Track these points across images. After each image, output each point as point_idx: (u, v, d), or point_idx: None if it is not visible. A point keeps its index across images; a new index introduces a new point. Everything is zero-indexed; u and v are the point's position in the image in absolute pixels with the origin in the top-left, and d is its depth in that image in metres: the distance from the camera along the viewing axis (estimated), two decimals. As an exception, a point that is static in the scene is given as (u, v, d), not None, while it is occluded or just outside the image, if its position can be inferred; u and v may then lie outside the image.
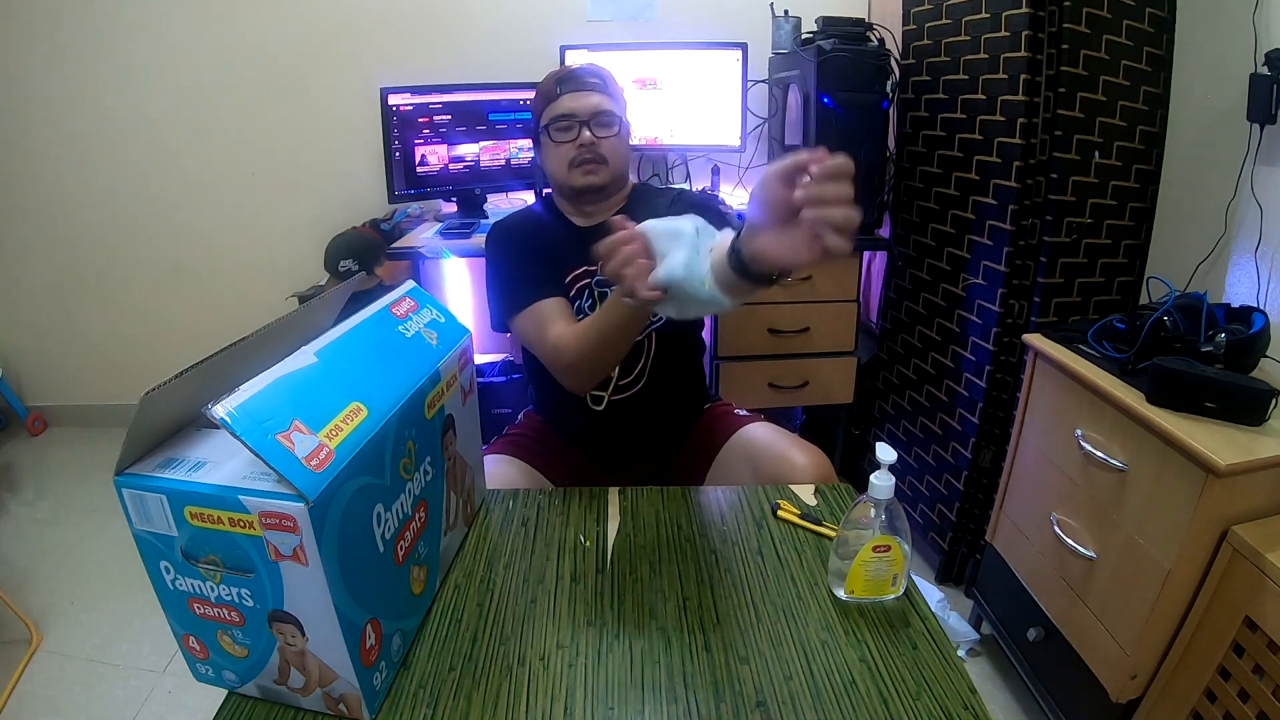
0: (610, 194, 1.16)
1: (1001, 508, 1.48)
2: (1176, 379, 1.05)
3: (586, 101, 1.10)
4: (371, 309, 0.71)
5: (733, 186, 2.21)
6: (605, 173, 1.11)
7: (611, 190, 1.15)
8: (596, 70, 1.14)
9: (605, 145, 1.10)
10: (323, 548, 0.52)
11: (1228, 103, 1.34)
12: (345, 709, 0.60)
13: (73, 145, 2.31)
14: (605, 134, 1.10)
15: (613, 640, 0.70)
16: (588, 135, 1.09)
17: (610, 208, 1.17)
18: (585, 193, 1.13)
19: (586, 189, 1.12)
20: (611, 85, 1.14)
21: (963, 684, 0.64)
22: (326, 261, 1.95)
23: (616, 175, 1.14)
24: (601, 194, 1.14)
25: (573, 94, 1.10)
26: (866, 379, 2.06)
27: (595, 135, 1.09)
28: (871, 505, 0.71)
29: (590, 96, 1.10)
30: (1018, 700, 1.46)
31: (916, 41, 1.76)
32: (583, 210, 1.17)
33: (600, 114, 1.10)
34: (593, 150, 1.10)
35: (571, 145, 1.10)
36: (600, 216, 1.16)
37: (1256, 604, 0.95)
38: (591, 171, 1.11)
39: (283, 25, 2.18)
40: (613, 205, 1.17)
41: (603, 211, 1.17)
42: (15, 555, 1.94)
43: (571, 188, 1.13)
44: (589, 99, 1.10)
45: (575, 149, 1.10)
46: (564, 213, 1.19)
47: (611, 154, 1.11)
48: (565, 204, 1.19)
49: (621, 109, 1.14)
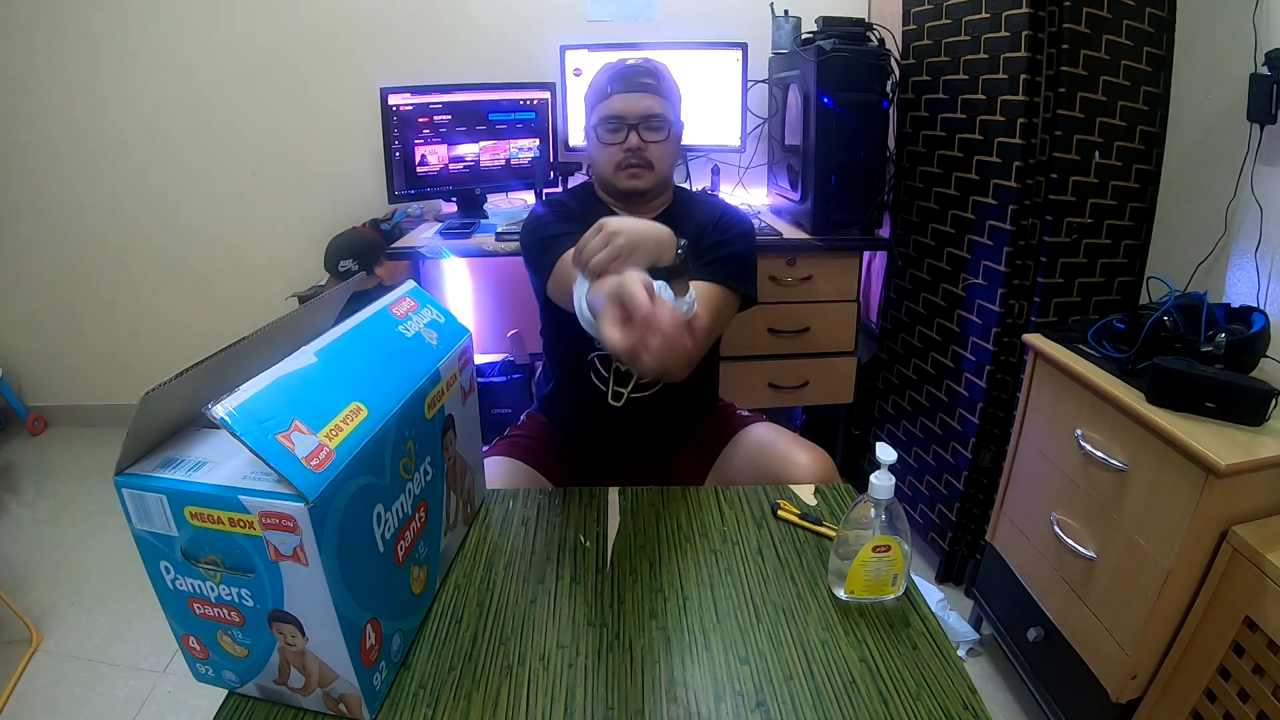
0: (654, 196, 1.15)
1: (1001, 508, 1.48)
2: (1176, 379, 1.05)
3: (638, 104, 1.08)
4: (371, 309, 0.71)
5: (733, 186, 2.21)
6: (650, 177, 1.10)
7: (656, 193, 1.14)
8: (652, 69, 1.11)
9: (653, 150, 1.09)
10: (323, 548, 0.52)
11: (1228, 103, 1.34)
12: (345, 709, 0.60)
13: (73, 146, 2.31)
14: (654, 139, 1.09)
15: (613, 640, 0.70)
16: (635, 140, 1.07)
17: (653, 209, 1.16)
18: (629, 195, 1.12)
19: (631, 192, 1.11)
20: (666, 85, 1.12)
21: (963, 684, 0.64)
22: (326, 261, 1.95)
23: (661, 180, 1.13)
24: (645, 196, 1.13)
25: (624, 94, 1.08)
26: (866, 379, 2.06)
27: (643, 140, 1.08)
28: (871, 505, 0.71)
29: (643, 99, 1.08)
30: (1018, 700, 1.46)
31: (916, 41, 1.76)
32: (625, 207, 1.16)
33: (650, 118, 1.08)
34: (640, 155, 1.08)
35: (618, 148, 1.08)
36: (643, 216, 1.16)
37: (1256, 604, 0.95)
38: (636, 175, 1.10)
39: (283, 25, 2.18)
40: (656, 207, 1.16)
41: (645, 211, 1.15)
42: (15, 555, 1.94)
43: (616, 188, 1.12)
44: (641, 101, 1.08)
45: (622, 152, 1.08)
46: (606, 204, 1.17)
47: (658, 159, 1.10)
48: (607, 197, 1.18)
49: (675, 111, 1.12)
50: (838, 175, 1.70)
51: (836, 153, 1.67)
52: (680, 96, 1.14)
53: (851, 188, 1.71)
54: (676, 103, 1.13)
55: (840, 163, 1.69)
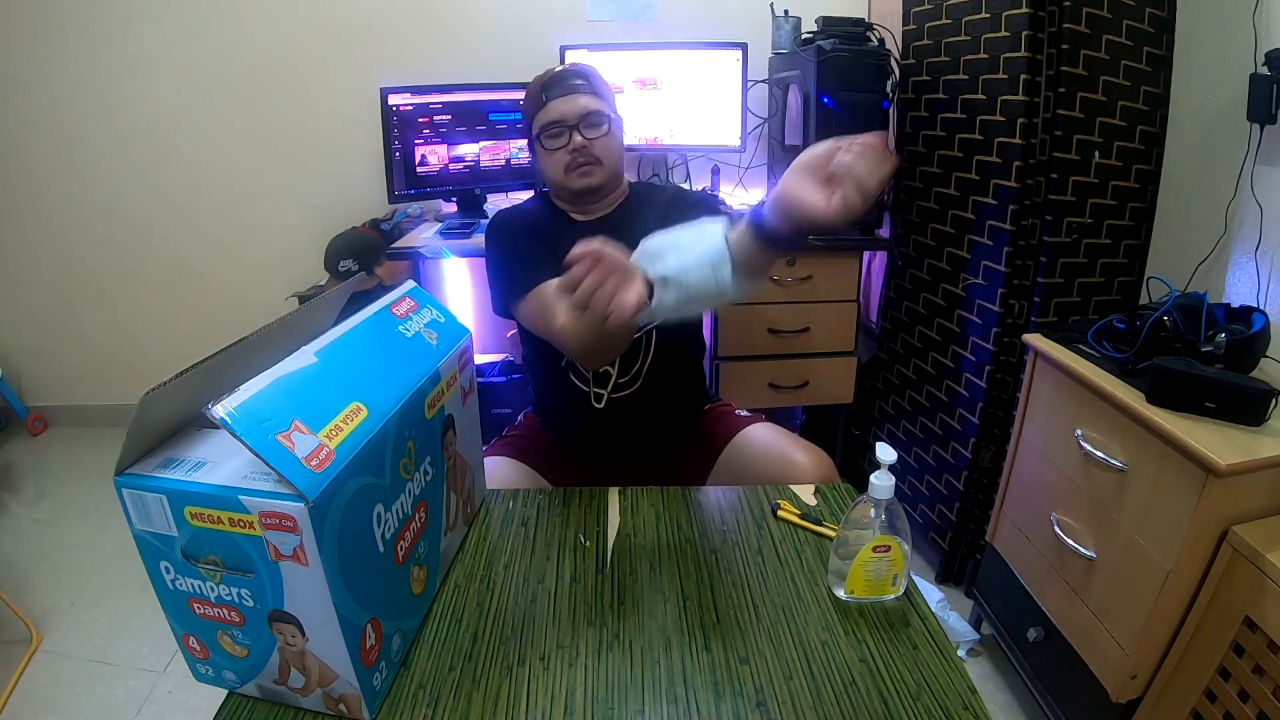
0: (608, 191, 1.16)
1: (1001, 508, 1.48)
2: (1176, 379, 1.05)
3: (574, 105, 1.09)
4: (371, 309, 0.71)
5: (733, 186, 2.21)
6: (600, 173, 1.12)
7: (610, 187, 1.15)
8: (581, 70, 1.14)
9: (598, 146, 1.10)
10: (323, 548, 0.52)
11: (1228, 103, 1.34)
12: (345, 709, 0.60)
13: (73, 146, 2.31)
14: (596, 135, 1.10)
15: (613, 640, 0.70)
16: (579, 139, 1.09)
17: (610, 204, 1.17)
18: (584, 194, 1.13)
19: (584, 190, 1.13)
20: (597, 83, 1.14)
21: (963, 684, 0.64)
22: (326, 261, 1.95)
23: (612, 173, 1.14)
24: (599, 193, 1.15)
25: (559, 99, 1.10)
26: (866, 379, 2.06)
27: (586, 137, 1.09)
28: (871, 505, 0.71)
29: (577, 99, 1.10)
30: (1018, 700, 1.46)
31: (916, 41, 1.76)
32: (582, 209, 1.17)
33: (589, 115, 1.10)
34: (586, 153, 1.10)
35: (564, 151, 1.10)
36: (600, 212, 1.17)
37: (1256, 604, 0.95)
38: (587, 173, 1.11)
39: (283, 25, 2.18)
40: (612, 201, 1.18)
41: (603, 208, 1.17)
42: (15, 555, 1.94)
43: (570, 190, 1.13)
44: (576, 102, 1.10)
45: (568, 154, 1.10)
46: (563, 210, 1.19)
47: (605, 153, 1.11)
48: (564, 203, 1.19)
49: (610, 106, 1.14)
50: (838, 175, 1.70)
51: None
52: (612, 93, 1.17)
53: (852, 188, 1.71)
54: (610, 98, 1.15)
55: (840, 163, 1.69)
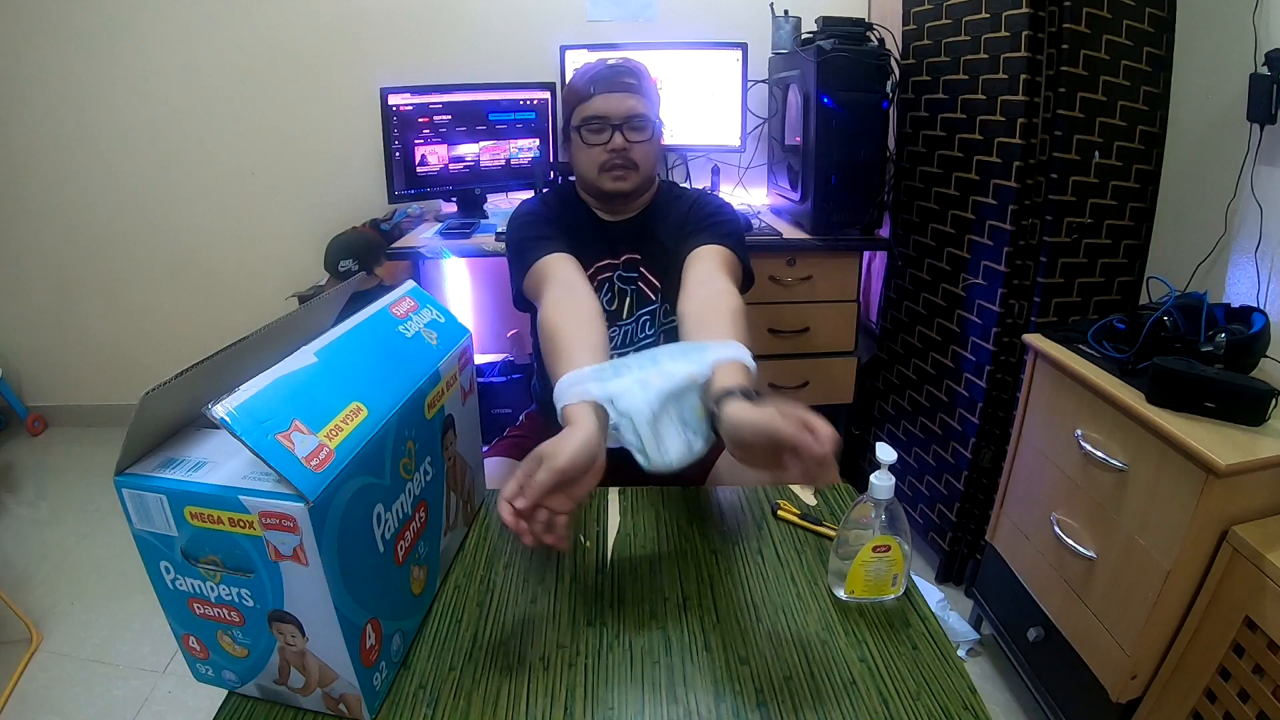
0: (637, 196, 1.14)
1: (1001, 508, 1.48)
2: (1176, 379, 1.05)
3: (622, 104, 1.07)
4: (371, 309, 0.71)
5: (732, 186, 2.21)
6: (635, 178, 1.10)
7: (640, 192, 1.13)
8: (632, 68, 1.11)
9: (637, 150, 1.08)
10: (323, 548, 0.52)
11: (1228, 103, 1.34)
12: (345, 709, 0.60)
13: (73, 146, 2.31)
14: (638, 139, 1.08)
15: (613, 640, 0.70)
16: (620, 140, 1.07)
17: (636, 207, 1.15)
18: (614, 197, 1.12)
19: (615, 194, 1.11)
20: (646, 84, 1.11)
21: (963, 684, 0.64)
22: (326, 261, 1.95)
23: (645, 179, 1.12)
24: (629, 198, 1.13)
25: (606, 95, 1.07)
26: (866, 379, 2.06)
27: (628, 140, 1.07)
28: (871, 505, 0.71)
29: (625, 99, 1.07)
30: (1018, 700, 1.46)
31: (916, 41, 1.76)
32: (608, 209, 1.16)
33: (634, 117, 1.07)
34: (624, 156, 1.07)
35: (603, 149, 1.08)
36: (626, 214, 1.15)
37: (1256, 604, 0.95)
38: (621, 177, 1.09)
39: (283, 25, 2.18)
40: (639, 205, 1.16)
41: (629, 210, 1.15)
42: (15, 555, 1.94)
43: (600, 190, 1.11)
44: (624, 102, 1.07)
45: (606, 153, 1.07)
46: (588, 205, 1.17)
47: (643, 159, 1.09)
48: (590, 198, 1.17)
49: (655, 110, 1.12)
50: (838, 175, 1.70)
51: (836, 153, 1.67)
52: (659, 96, 1.15)
53: (851, 188, 1.72)
54: (656, 102, 1.13)
55: (840, 163, 1.69)
